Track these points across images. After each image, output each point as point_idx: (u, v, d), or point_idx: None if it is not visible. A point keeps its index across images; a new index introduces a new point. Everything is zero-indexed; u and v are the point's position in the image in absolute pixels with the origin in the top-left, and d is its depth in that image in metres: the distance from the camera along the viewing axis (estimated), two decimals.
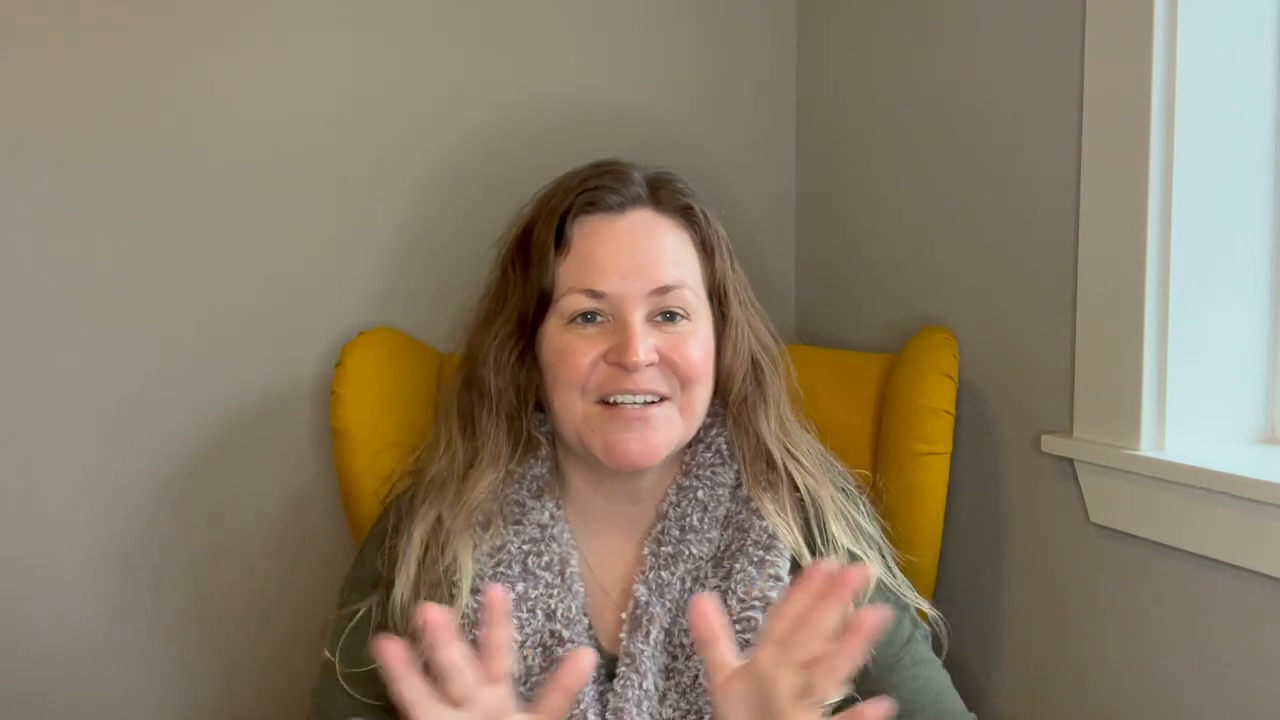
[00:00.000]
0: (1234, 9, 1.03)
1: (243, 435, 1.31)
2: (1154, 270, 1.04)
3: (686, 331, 0.93)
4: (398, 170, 1.34)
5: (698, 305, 0.94)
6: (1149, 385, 1.06)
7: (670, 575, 0.93)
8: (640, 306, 0.91)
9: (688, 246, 0.96)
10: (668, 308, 0.92)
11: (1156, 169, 1.03)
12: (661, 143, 1.46)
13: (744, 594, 0.90)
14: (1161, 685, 1.08)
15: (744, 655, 0.74)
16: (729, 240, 1.00)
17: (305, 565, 1.35)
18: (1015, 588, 1.24)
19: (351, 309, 1.33)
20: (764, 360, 0.99)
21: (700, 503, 0.95)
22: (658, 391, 0.92)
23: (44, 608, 1.25)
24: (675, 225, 0.96)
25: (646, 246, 0.93)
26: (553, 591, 0.93)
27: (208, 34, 1.25)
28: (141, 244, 1.25)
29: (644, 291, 0.91)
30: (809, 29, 1.51)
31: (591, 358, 0.92)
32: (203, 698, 1.33)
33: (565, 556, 0.95)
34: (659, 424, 0.92)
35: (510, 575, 0.93)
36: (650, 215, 0.95)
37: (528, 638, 0.92)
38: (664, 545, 0.94)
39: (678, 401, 0.93)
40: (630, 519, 0.98)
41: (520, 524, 0.95)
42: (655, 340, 0.91)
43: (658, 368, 0.92)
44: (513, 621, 0.91)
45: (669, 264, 0.93)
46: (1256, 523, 0.96)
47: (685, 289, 0.93)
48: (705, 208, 0.98)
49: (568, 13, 1.41)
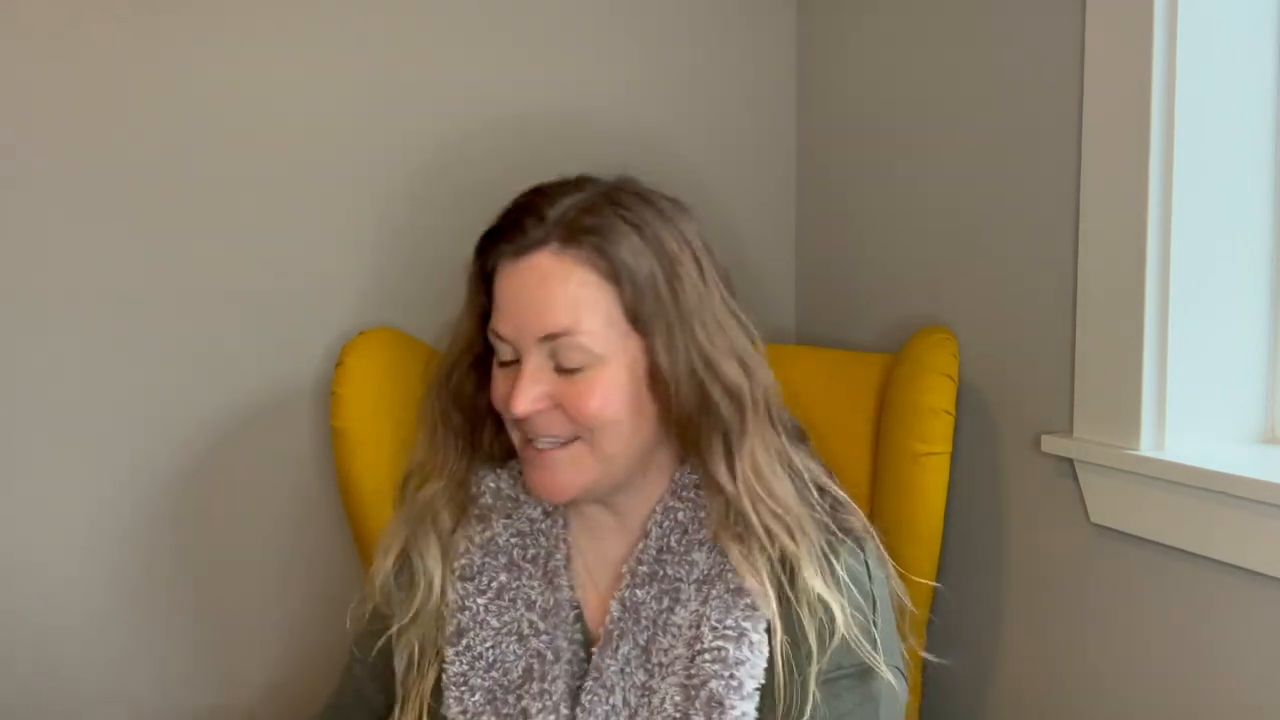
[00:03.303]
0: (1234, 9, 1.03)
1: (243, 435, 1.31)
2: (1154, 270, 1.04)
3: (583, 380, 0.89)
4: (399, 170, 1.34)
5: (602, 348, 0.89)
6: (1149, 385, 1.06)
7: (645, 594, 0.93)
8: (536, 352, 0.89)
9: (589, 286, 0.89)
10: (561, 358, 0.89)
11: (1156, 169, 1.03)
12: (661, 143, 1.46)
13: (717, 622, 0.89)
14: (1161, 685, 1.08)
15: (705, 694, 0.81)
16: (687, 251, 0.92)
17: (305, 565, 1.35)
18: (1015, 588, 1.24)
19: (351, 309, 1.33)
20: (719, 396, 0.90)
21: (681, 525, 0.94)
22: (559, 435, 0.90)
23: (43, 607, 1.25)
24: (577, 263, 0.89)
25: (535, 295, 0.89)
26: (534, 584, 0.95)
27: (208, 34, 1.25)
28: (140, 244, 1.25)
29: (534, 339, 0.89)
30: (809, 29, 1.51)
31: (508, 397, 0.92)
32: (202, 696, 1.33)
33: (551, 551, 0.96)
34: (563, 465, 0.91)
35: (495, 565, 0.96)
36: (548, 258, 0.89)
37: (505, 625, 0.94)
38: (641, 564, 0.94)
39: (588, 442, 0.91)
40: (624, 529, 0.98)
41: (511, 518, 0.98)
42: (549, 387, 0.89)
43: (560, 410, 0.90)
44: (491, 609, 0.95)
45: (561, 310, 0.88)
46: (1256, 523, 0.96)
47: (578, 335, 0.88)
48: (625, 233, 0.90)
49: (568, 13, 1.41)
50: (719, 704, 0.87)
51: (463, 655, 0.94)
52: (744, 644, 0.88)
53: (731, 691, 0.87)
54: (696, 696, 0.87)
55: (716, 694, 0.87)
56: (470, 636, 0.94)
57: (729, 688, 0.87)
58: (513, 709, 0.92)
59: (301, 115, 1.30)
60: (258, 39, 1.27)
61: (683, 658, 0.89)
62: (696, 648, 0.89)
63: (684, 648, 0.89)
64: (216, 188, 1.27)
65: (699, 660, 0.88)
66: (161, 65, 1.24)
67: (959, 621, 1.24)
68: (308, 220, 1.31)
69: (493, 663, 0.94)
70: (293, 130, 1.30)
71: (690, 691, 0.88)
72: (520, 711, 0.92)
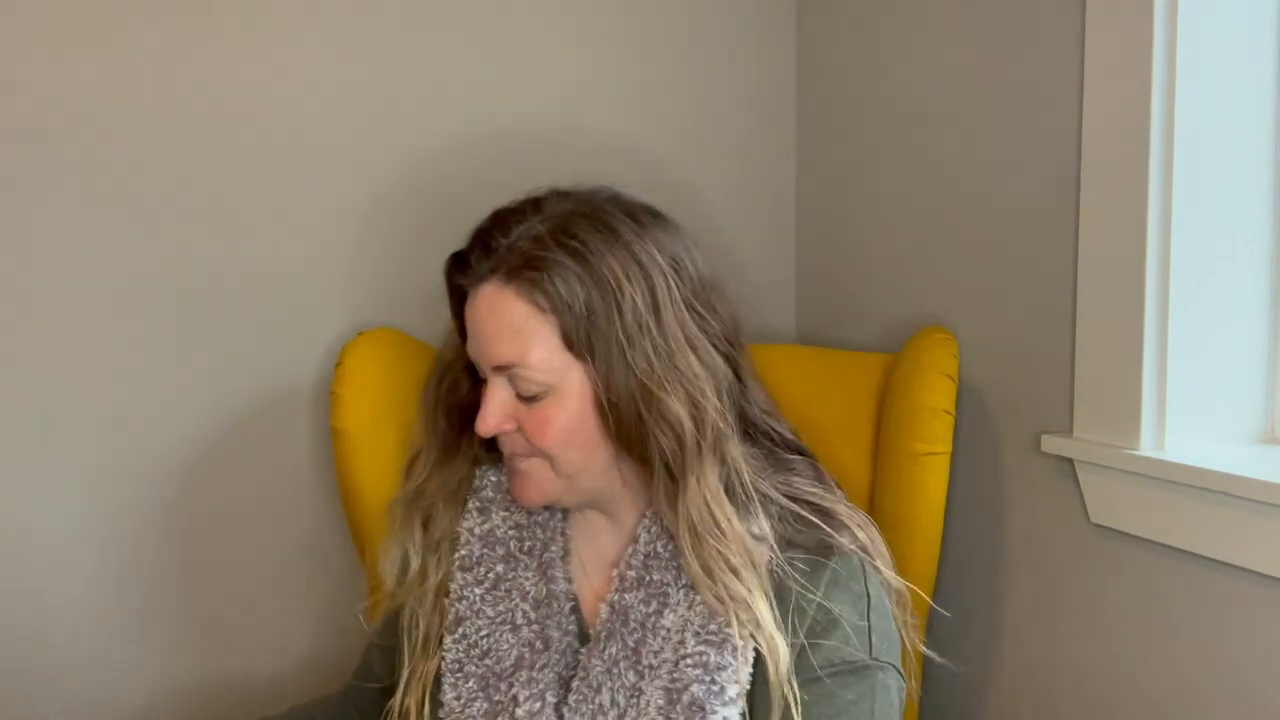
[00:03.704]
0: (1234, 9, 1.03)
1: (243, 435, 1.31)
2: (1154, 270, 1.04)
3: (540, 409, 0.91)
4: (400, 171, 1.34)
5: (553, 378, 0.90)
6: (1149, 385, 1.06)
7: (634, 598, 0.94)
8: (494, 379, 0.93)
9: (532, 319, 0.89)
10: (516, 387, 0.92)
11: (1156, 169, 1.03)
12: (662, 144, 1.46)
13: (700, 627, 0.90)
14: (1161, 685, 1.08)
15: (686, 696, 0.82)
16: (639, 289, 0.89)
17: (305, 565, 1.35)
18: (1015, 588, 1.24)
19: (351, 309, 1.33)
20: (656, 429, 0.89)
21: (666, 531, 0.95)
22: (522, 452, 0.95)
23: (43, 607, 1.25)
24: (519, 295, 0.90)
25: (485, 325, 0.91)
26: (530, 574, 0.98)
27: (208, 33, 1.25)
28: (141, 244, 1.25)
29: (490, 366, 0.93)
30: (809, 29, 1.51)
31: None
32: (202, 696, 1.33)
33: (547, 542, 0.99)
34: (530, 475, 0.95)
35: (493, 556, 0.99)
36: (493, 291, 0.91)
37: (500, 615, 0.97)
38: (630, 569, 0.95)
39: (549, 460, 0.94)
40: (618, 530, 0.99)
41: (510, 510, 1.01)
42: (510, 410, 0.93)
43: (520, 432, 0.93)
44: (487, 599, 0.98)
45: (504, 342, 0.90)
46: (1256, 523, 0.96)
47: (525, 368, 0.90)
48: (564, 269, 0.89)
49: (568, 15, 1.41)
50: (700, 709, 0.87)
51: (459, 643, 0.97)
52: (726, 649, 0.89)
53: (713, 696, 0.87)
54: (679, 700, 0.88)
55: (698, 698, 0.87)
56: (467, 625, 0.97)
57: (710, 692, 0.87)
58: (504, 696, 0.94)
59: (302, 116, 1.30)
60: (258, 40, 1.27)
61: (669, 661, 0.90)
62: (681, 652, 0.90)
63: (670, 651, 0.90)
64: (217, 188, 1.27)
65: (682, 665, 0.89)
66: (161, 67, 1.24)
67: (959, 621, 1.24)
68: (308, 220, 1.31)
69: (486, 651, 0.96)
70: (293, 131, 1.30)
71: (673, 695, 0.88)
72: (511, 699, 0.94)
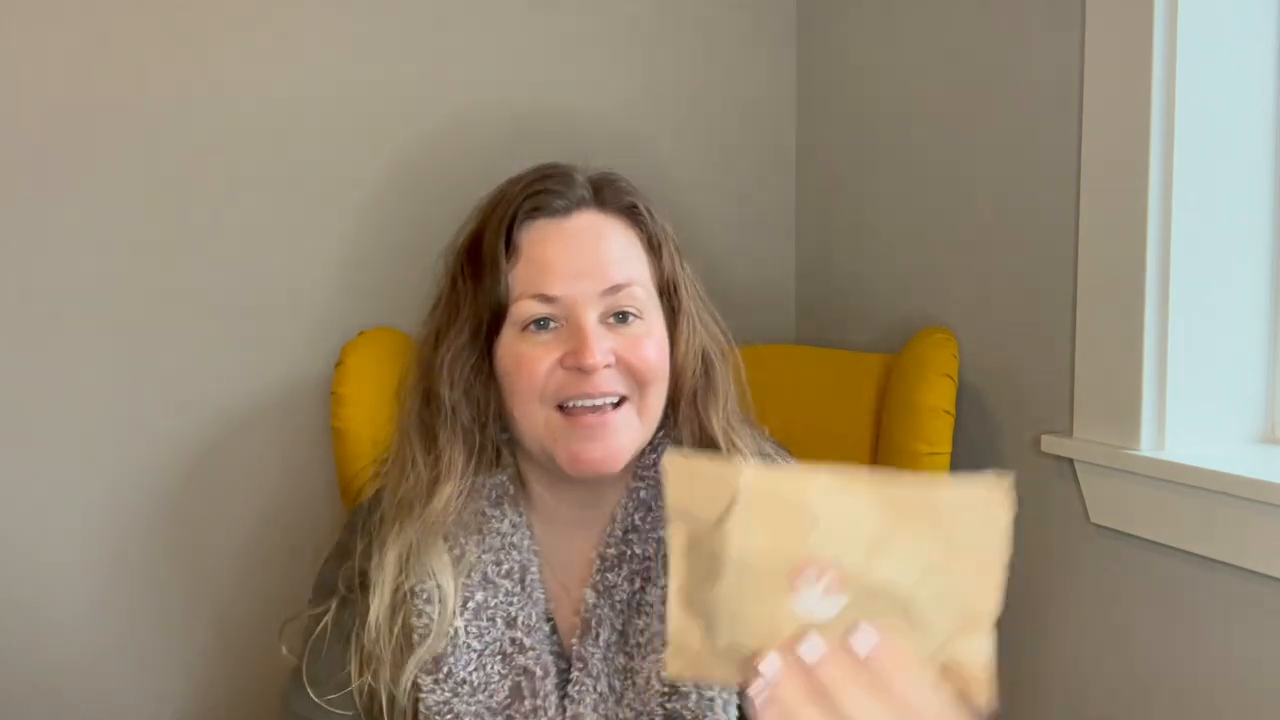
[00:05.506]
0: (1234, 9, 1.03)
1: (243, 435, 1.31)
2: (1154, 271, 1.04)
3: (640, 332, 0.92)
4: (400, 171, 1.34)
5: (649, 303, 0.93)
6: (1149, 385, 1.06)
7: (617, 577, 0.93)
8: (592, 308, 0.90)
9: (635, 245, 0.94)
10: (620, 308, 0.91)
11: (1156, 169, 1.03)
12: (663, 143, 1.46)
13: None
14: (1161, 685, 1.08)
15: None
16: (676, 238, 0.98)
17: (305, 565, 1.35)
18: (1015, 588, 1.23)
19: (351, 309, 1.33)
20: (714, 355, 0.97)
21: (643, 502, 0.94)
22: (616, 392, 0.91)
23: (43, 606, 1.25)
24: (621, 224, 0.94)
25: (595, 247, 0.92)
26: (513, 599, 0.93)
27: (207, 33, 1.25)
28: (141, 245, 1.25)
29: (595, 293, 0.90)
30: (809, 29, 1.51)
31: (547, 364, 0.90)
32: (202, 696, 1.33)
33: (526, 564, 0.94)
34: (619, 428, 0.91)
35: (470, 584, 0.92)
36: (596, 216, 0.93)
37: (487, 646, 0.91)
38: (610, 548, 0.94)
39: (636, 403, 0.92)
40: (591, 523, 0.97)
41: (481, 534, 0.94)
42: (610, 342, 0.90)
43: (615, 369, 0.90)
44: (471, 630, 0.91)
45: (618, 263, 0.92)
46: (1256, 523, 0.96)
47: (636, 287, 0.92)
48: (650, 205, 0.97)
49: (568, 16, 1.41)
50: None
51: (443, 683, 0.90)
52: None
53: None
54: None
55: None
56: (450, 662, 0.90)
57: None
58: None
59: (302, 116, 1.30)
60: (258, 41, 1.28)
61: (659, 635, 0.89)
62: None
63: (660, 623, 0.89)
64: (217, 188, 1.27)
65: None
66: (161, 68, 1.24)
67: None
68: (309, 220, 1.31)
69: (478, 686, 0.90)
70: (294, 131, 1.30)
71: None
72: None
